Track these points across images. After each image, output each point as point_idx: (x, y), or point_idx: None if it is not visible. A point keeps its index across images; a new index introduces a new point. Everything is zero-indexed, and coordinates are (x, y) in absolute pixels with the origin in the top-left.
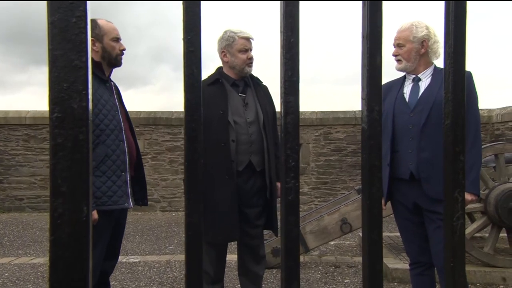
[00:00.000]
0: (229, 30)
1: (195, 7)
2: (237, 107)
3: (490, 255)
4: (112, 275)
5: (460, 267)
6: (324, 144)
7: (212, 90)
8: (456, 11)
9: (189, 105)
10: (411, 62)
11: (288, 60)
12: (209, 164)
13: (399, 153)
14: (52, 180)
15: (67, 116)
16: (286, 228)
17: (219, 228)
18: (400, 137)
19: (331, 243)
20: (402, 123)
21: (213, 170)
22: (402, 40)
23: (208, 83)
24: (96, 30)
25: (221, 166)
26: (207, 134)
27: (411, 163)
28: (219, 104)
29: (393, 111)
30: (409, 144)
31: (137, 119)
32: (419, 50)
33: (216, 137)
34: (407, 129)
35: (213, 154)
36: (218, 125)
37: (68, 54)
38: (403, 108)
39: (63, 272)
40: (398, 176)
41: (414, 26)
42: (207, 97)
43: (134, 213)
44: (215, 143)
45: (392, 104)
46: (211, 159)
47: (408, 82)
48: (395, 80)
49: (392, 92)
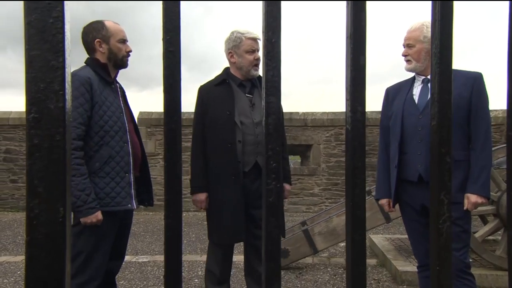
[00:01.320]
0: (236, 31)
1: (174, 7)
2: (244, 107)
3: (502, 258)
4: (121, 274)
5: (446, 269)
6: (335, 145)
7: (219, 90)
8: (442, 11)
9: (168, 106)
10: (420, 63)
11: (269, 61)
12: (215, 164)
13: (408, 155)
14: (28, 181)
15: (44, 117)
16: (267, 229)
17: (225, 229)
18: (409, 139)
19: (340, 244)
20: (411, 125)
21: (220, 171)
22: (412, 40)
23: (215, 83)
24: (103, 31)
25: (227, 167)
26: (214, 134)
27: (420, 165)
28: (226, 105)
29: (402, 112)
30: (418, 146)
31: (148, 119)
32: (429, 50)
33: (223, 138)
34: (416, 131)
35: (219, 154)
36: (224, 125)
37: (45, 54)
38: (412, 110)
39: (39, 273)
40: (406, 178)
41: (425, 26)
42: (214, 98)
43: (145, 213)
44: (221, 144)
45: (401, 105)
46: (218, 159)
47: (418, 83)
48: (405, 81)
49: (402, 93)
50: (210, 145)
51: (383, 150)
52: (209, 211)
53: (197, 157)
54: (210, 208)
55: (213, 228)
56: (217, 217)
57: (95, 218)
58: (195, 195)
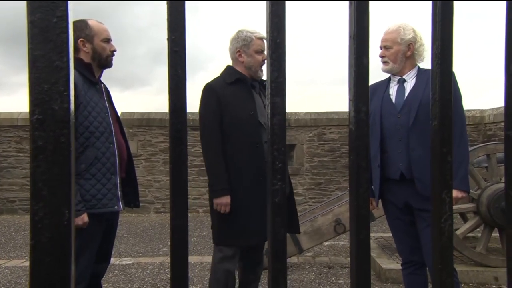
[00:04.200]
0: (245, 30)
1: (180, 6)
2: (261, 107)
3: (482, 254)
4: (105, 277)
5: (448, 268)
6: (318, 145)
7: (235, 89)
8: (443, 12)
9: (174, 107)
10: (397, 64)
11: (274, 61)
12: (239, 165)
13: (388, 154)
14: (32, 184)
15: (48, 118)
16: (273, 230)
17: (253, 230)
18: (389, 138)
19: (325, 243)
20: (390, 124)
21: (245, 172)
22: (390, 42)
23: (229, 82)
24: (86, 30)
25: (255, 168)
26: (237, 134)
27: (401, 164)
28: (247, 105)
29: (381, 112)
30: (398, 145)
31: (130, 120)
32: (406, 52)
33: (248, 138)
34: (395, 130)
35: (245, 155)
36: (249, 126)
37: (49, 54)
38: (390, 110)
39: (44, 277)
40: (388, 177)
41: (402, 28)
42: (232, 96)
43: (127, 215)
44: (247, 145)
45: (379, 105)
46: (243, 160)
47: (393, 84)
48: (380, 82)
49: (378, 93)
50: (232, 146)
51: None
52: (230, 214)
53: (216, 158)
54: (233, 210)
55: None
56: (244, 219)
57: (81, 221)
58: (219, 198)
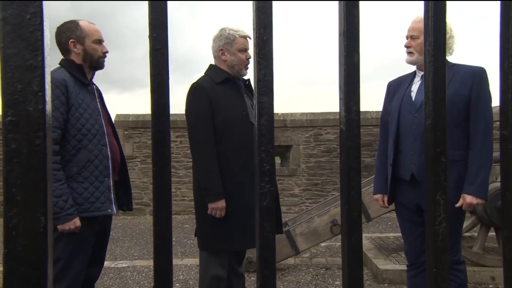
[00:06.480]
0: (228, 28)
1: (161, 3)
2: (249, 107)
3: (479, 254)
4: (100, 280)
5: (443, 272)
6: (315, 146)
7: (224, 89)
8: (435, 8)
9: (156, 106)
10: (423, 56)
11: (261, 59)
12: (233, 168)
13: (403, 153)
14: (6, 189)
15: (22, 120)
16: (261, 235)
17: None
18: (404, 137)
19: (321, 244)
20: (406, 123)
21: (240, 174)
22: (417, 32)
23: (218, 81)
24: (77, 31)
25: (248, 170)
26: (231, 136)
27: (413, 165)
28: (239, 105)
29: (399, 109)
30: (412, 145)
31: (125, 122)
32: None
33: (242, 140)
34: (411, 129)
35: (239, 157)
36: (242, 127)
37: (22, 53)
38: (409, 108)
39: (18, 287)
40: (399, 177)
41: None
42: (223, 97)
43: (123, 217)
44: (240, 146)
45: (399, 102)
46: (237, 163)
47: (417, 79)
48: (406, 76)
49: (401, 88)
50: (226, 148)
51: (381, 144)
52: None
53: (211, 161)
54: (228, 214)
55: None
56: (242, 221)
57: (73, 225)
58: (214, 202)
